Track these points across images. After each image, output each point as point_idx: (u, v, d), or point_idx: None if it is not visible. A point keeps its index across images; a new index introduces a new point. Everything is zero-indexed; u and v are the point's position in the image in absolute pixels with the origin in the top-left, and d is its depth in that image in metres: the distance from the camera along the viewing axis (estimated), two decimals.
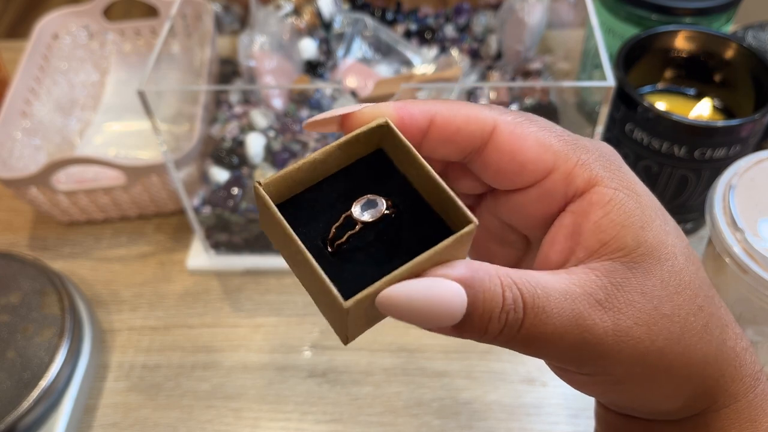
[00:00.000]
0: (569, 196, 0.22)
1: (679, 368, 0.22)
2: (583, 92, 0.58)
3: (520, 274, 0.20)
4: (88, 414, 0.51)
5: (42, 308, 0.50)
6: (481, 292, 0.20)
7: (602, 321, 0.20)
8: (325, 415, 0.50)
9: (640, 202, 0.22)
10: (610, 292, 0.21)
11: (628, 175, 0.23)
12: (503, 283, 0.20)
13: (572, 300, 0.20)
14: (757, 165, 0.44)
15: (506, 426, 0.49)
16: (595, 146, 0.23)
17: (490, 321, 0.20)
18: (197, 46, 0.70)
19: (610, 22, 0.61)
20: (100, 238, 0.63)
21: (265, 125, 0.59)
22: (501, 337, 0.20)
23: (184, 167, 0.55)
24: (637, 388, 0.22)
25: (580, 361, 0.21)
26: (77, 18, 0.72)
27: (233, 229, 0.57)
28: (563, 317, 0.20)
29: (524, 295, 0.20)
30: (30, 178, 0.56)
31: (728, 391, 0.23)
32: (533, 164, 0.22)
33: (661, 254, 0.21)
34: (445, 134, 0.23)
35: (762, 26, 0.62)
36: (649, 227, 0.21)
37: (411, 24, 0.69)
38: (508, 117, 0.23)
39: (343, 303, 0.19)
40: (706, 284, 0.23)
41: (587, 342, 0.20)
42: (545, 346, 0.21)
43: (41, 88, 0.67)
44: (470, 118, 0.23)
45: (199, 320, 0.56)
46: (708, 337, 0.22)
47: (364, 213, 0.21)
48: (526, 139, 0.22)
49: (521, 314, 0.20)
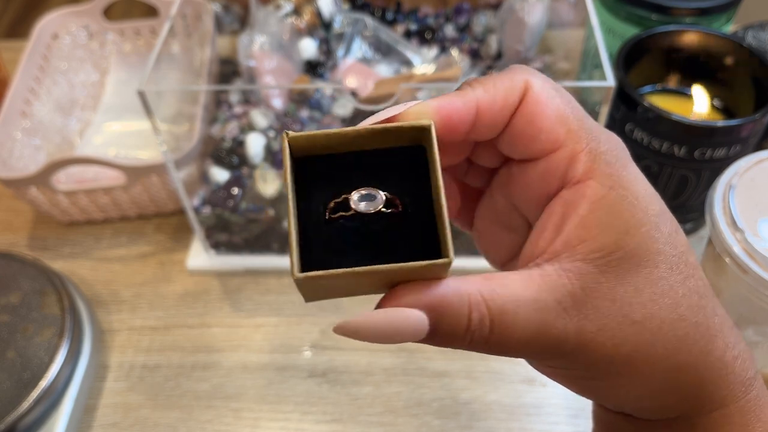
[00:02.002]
0: (567, 179, 0.22)
1: (649, 374, 0.22)
2: (583, 92, 0.58)
3: (493, 289, 0.21)
4: (88, 414, 0.51)
5: (42, 308, 0.50)
6: (447, 317, 0.21)
7: (565, 327, 0.21)
8: (325, 415, 0.50)
9: (633, 204, 0.22)
10: (579, 298, 0.21)
11: (631, 175, 0.22)
12: (471, 303, 0.21)
13: (540, 310, 0.21)
14: (757, 165, 0.44)
15: (506, 426, 0.49)
16: (607, 139, 0.23)
17: (455, 339, 0.21)
18: (197, 46, 0.70)
19: (610, 22, 0.61)
20: (100, 238, 0.63)
21: (265, 125, 0.59)
22: (468, 348, 0.22)
23: (184, 167, 0.55)
24: (604, 385, 0.23)
25: (546, 359, 0.22)
26: (77, 18, 0.72)
27: (233, 229, 0.57)
28: (529, 327, 0.21)
29: (492, 311, 0.21)
30: (30, 178, 0.56)
31: (713, 397, 0.23)
32: (547, 134, 0.22)
33: (640, 261, 0.21)
34: (491, 118, 0.23)
35: (762, 26, 0.62)
36: (634, 232, 0.21)
37: (411, 24, 0.69)
38: (538, 80, 0.23)
39: (294, 273, 0.20)
40: (697, 293, 0.22)
41: (550, 345, 0.21)
42: (513, 352, 0.22)
43: (41, 88, 0.67)
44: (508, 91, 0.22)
45: (199, 320, 0.56)
46: (686, 347, 0.22)
47: (360, 203, 0.21)
48: (547, 107, 0.22)
49: (488, 331, 0.21)
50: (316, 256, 0.21)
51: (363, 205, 0.21)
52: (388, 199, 0.22)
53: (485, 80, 0.23)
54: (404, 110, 0.22)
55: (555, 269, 0.22)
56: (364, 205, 0.21)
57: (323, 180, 0.22)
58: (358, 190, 0.21)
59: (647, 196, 0.22)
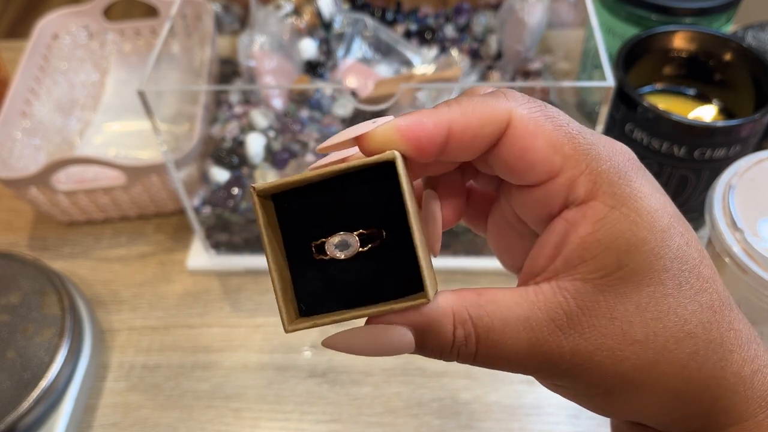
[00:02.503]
0: (569, 202, 0.22)
1: (653, 392, 0.22)
2: (583, 92, 0.58)
3: (482, 305, 0.21)
4: (88, 414, 0.51)
5: (42, 308, 0.50)
6: (430, 334, 0.21)
7: (559, 346, 0.21)
8: (325, 415, 0.50)
9: (637, 222, 0.21)
10: (574, 316, 0.21)
11: (636, 190, 0.22)
12: (456, 321, 0.21)
13: (531, 328, 0.21)
14: (757, 165, 0.44)
15: (506, 426, 0.49)
16: (610, 154, 0.22)
17: (442, 354, 0.22)
18: (197, 46, 0.70)
19: (610, 22, 0.61)
20: (100, 238, 0.63)
21: (265, 125, 0.59)
22: (458, 361, 0.22)
23: (184, 167, 0.55)
24: (604, 402, 0.23)
25: (544, 377, 0.23)
26: (77, 18, 0.72)
27: (233, 229, 0.57)
28: (518, 346, 0.21)
29: (478, 330, 0.21)
30: (30, 178, 0.56)
31: (730, 413, 0.22)
32: (541, 165, 0.22)
33: (642, 279, 0.21)
34: (462, 143, 0.22)
35: (762, 26, 0.62)
36: (636, 251, 0.21)
37: (411, 24, 0.69)
38: (524, 109, 0.22)
39: (286, 328, 0.21)
40: (710, 309, 0.22)
41: (544, 363, 0.21)
42: (504, 368, 0.22)
43: (41, 88, 0.67)
44: (485, 119, 0.22)
45: (199, 320, 0.56)
46: (695, 364, 0.21)
47: (335, 251, 0.22)
48: (537, 138, 0.22)
49: (474, 348, 0.21)
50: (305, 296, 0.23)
51: (339, 253, 0.22)
52: (366, 235, 0.22)
53: (465, 102, 0.22)
54: (372, 130, 0.22)
55: (551, 287, 0.22)
56: (341, 253, 0.22)
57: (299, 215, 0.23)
58: (330, 239, 0.22)
59: (653, 212, 0.21)
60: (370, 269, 0.23)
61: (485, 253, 0.58)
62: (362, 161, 0.21)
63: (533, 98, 0.23)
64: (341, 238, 0.22)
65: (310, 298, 0.23)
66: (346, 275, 0.23)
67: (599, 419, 0.49)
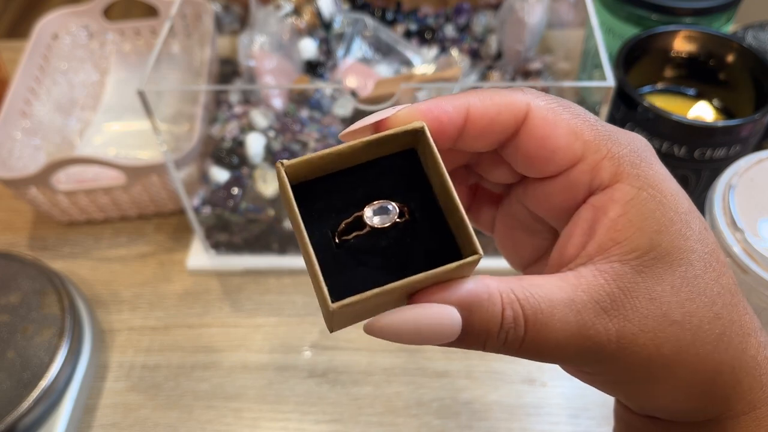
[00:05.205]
0: (593, 188, 0.22)
1: (687, 375, 0.21)
2: (583, 92, 0.58)
3: (525, 288, 0.20)
4: (88, 414, 0.51)
5: (42, 308, 0.50)
6: (478, 313, 0.20)
7: (606, 329, 0.20)
8: (325, 415, 0.50)
9: (663, 203, 0.21)
10: (617, 298, 0.21)
11: (657, 173, 0.22)
12: (504, 301, 0.20)
13: (577, 310, 0.20)
14: (757, 165, 0.44)
15: (506, 426, 0.49)
16: (628, 140, 0.22)
17: (488, 338, 0.20)
18: (197, 46, 0.70)
19: (610, 22, 0.61)
20: (100, 238, 0.63)
21: (265, 125, 0.59)
22: (503, 349, 0.21)
23: (184, 167, 0.55)
24: (641, 389, 0.22)
25: (583, 364, 0.22)
26: (77, 18, 0.72)
27: (233, 229, 0.57)
28: (567, 329, 0.20)
29: (526, 311, 0.20)
30: (30, 178, 0.56)
31: (746, 398, 0.22)
32: (563, 152, 0.22)
33: (674, 259, 0.21)
34: (480, 128, 0.22)
35: (762, 26, 0.62)
36: (666, 231, 0.21)
37: (411, 24, 0.69)
38: (541, 101, 0.22)
39: (330, 305, 0.19)
40: (729, 291, 0.22)
41: (589, 349, 0.21)
42: (549, 355, 0.21)
43: (41, 88, 0.67)
44: (503, 107, 0.22)
45: (199, 320, 0.56)
46: (724, 345, 0.21)
47: (374, 218, 0.21)
48: (557, 126, 0.22)
49: (522, 331, 0.20)
50: (337, 282, 0.20)
51: (378, 220, 0.21)
52: (399, 208, 0.21)
53: (483, 91, 0.23)
54: (393, 114, 0.22)
55: (590, 271, 0.21)
56: (379, 219, 0.21)
57: (322, 203, 0.22)
58: (370, 206, 0.21)
59: (676, 194, 0.22)
60: (399, 248, 0.21)
61: (488, 253, 0.58)
62: (391, 131, 0.21)
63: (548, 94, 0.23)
64: (380, 203, 0.21)
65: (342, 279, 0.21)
66: (376, 256, 0.21)
67: (599, 419, 0.49)
